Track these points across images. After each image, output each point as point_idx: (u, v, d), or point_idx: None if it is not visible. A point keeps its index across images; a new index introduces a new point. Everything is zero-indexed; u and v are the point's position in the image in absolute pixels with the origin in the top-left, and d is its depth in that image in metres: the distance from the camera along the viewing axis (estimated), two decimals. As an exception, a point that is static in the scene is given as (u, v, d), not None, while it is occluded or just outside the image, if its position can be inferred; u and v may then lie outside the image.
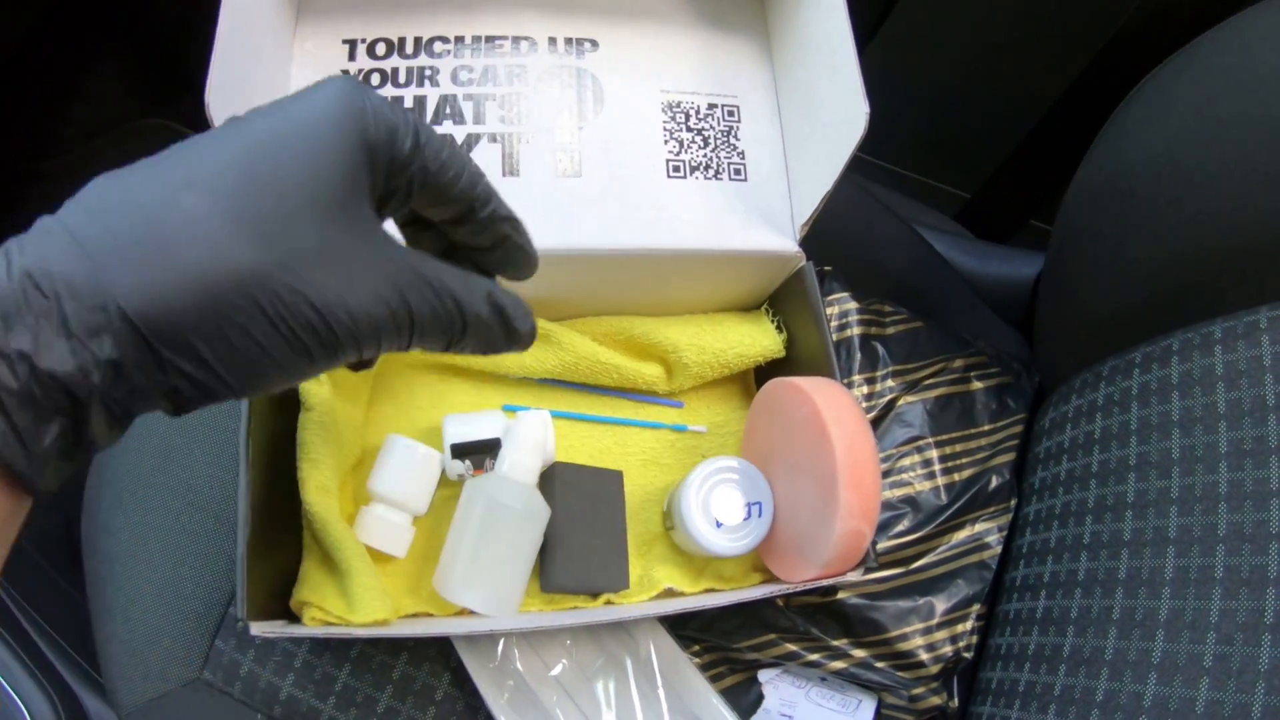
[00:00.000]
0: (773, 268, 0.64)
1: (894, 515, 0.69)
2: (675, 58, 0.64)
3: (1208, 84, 0.61)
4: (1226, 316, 0.58)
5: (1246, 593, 0.49)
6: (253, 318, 0.29)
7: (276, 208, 0.30)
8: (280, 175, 0.30)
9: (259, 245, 0.29)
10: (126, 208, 0.28)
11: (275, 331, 0.30)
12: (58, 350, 0.27)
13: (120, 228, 0.28)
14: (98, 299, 0.27)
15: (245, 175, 0.30)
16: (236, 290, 0.29)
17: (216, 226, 0.29)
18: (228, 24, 0.50)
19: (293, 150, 0.30)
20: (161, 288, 0.28)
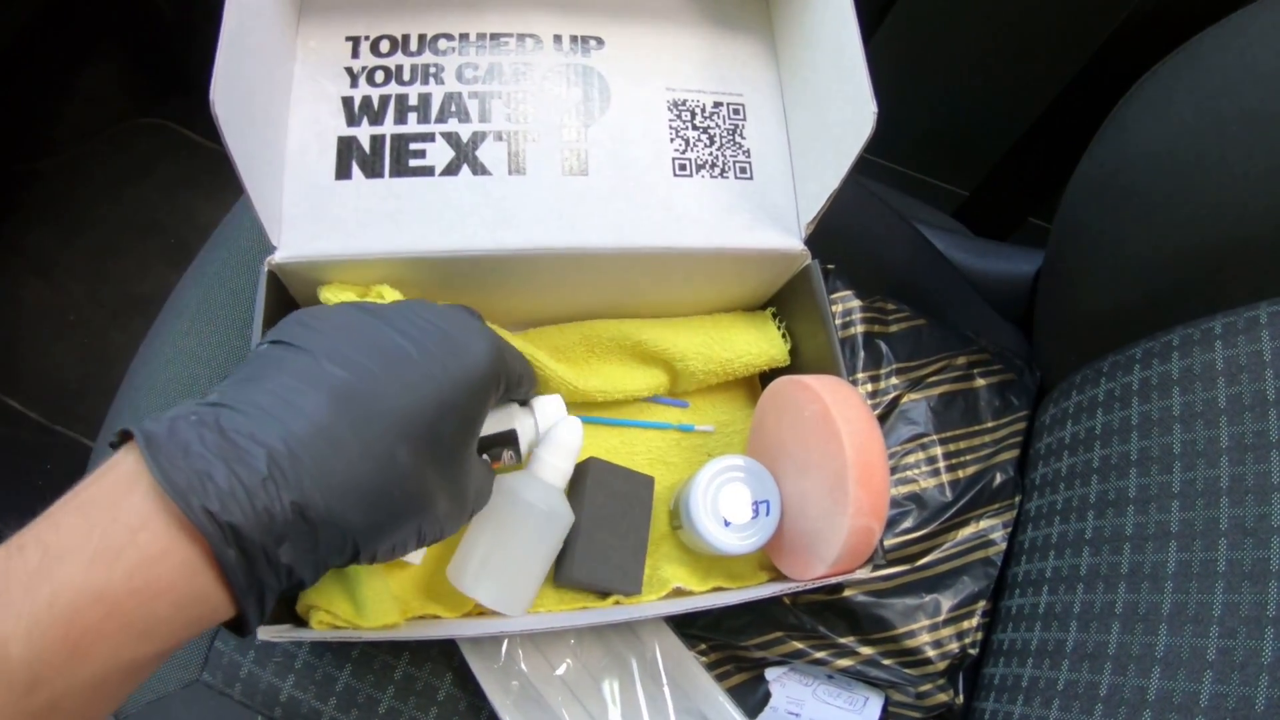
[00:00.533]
0: (778, 266, 0.64)
1: (899, 512, 0.69)
2: (681, 56, 0.64)
3: (1208, 81, 0.61)
4: (1227, 312, 0.58)
5: (1249, 586, 0.50)
6: (405, 527, 0.42)
7: (442, 449, 0.42)
8: (453, 427, 0.43)
9: (416, 474, 0.41)
10: (358, 455, 0.37)
11: (411, 524, 0.42)
12: (308, 568, 0.37)
13: (355, 475, 0.37)
14: (338, 534, 0.37)
15: (436, 430, 0.41)
16: (406, 518, 0.41)
17: (415, 481, 0.40)
18: (232, 22, 0.49)
19: (462, 407, 0.43)
20: (378, 525, 0.40)
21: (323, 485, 0.35)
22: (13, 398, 1.28)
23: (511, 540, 0.56)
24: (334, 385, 0.38)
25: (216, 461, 0.33)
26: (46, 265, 1.34)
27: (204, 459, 0.33)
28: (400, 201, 0.57)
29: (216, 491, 0.33)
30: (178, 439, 0.34)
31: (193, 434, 0.34)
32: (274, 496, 0.34)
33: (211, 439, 0.34)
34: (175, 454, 0.33)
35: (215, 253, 0.77)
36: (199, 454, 0.33)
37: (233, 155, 0.48)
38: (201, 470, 0.33)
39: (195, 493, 0.32)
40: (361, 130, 0.58)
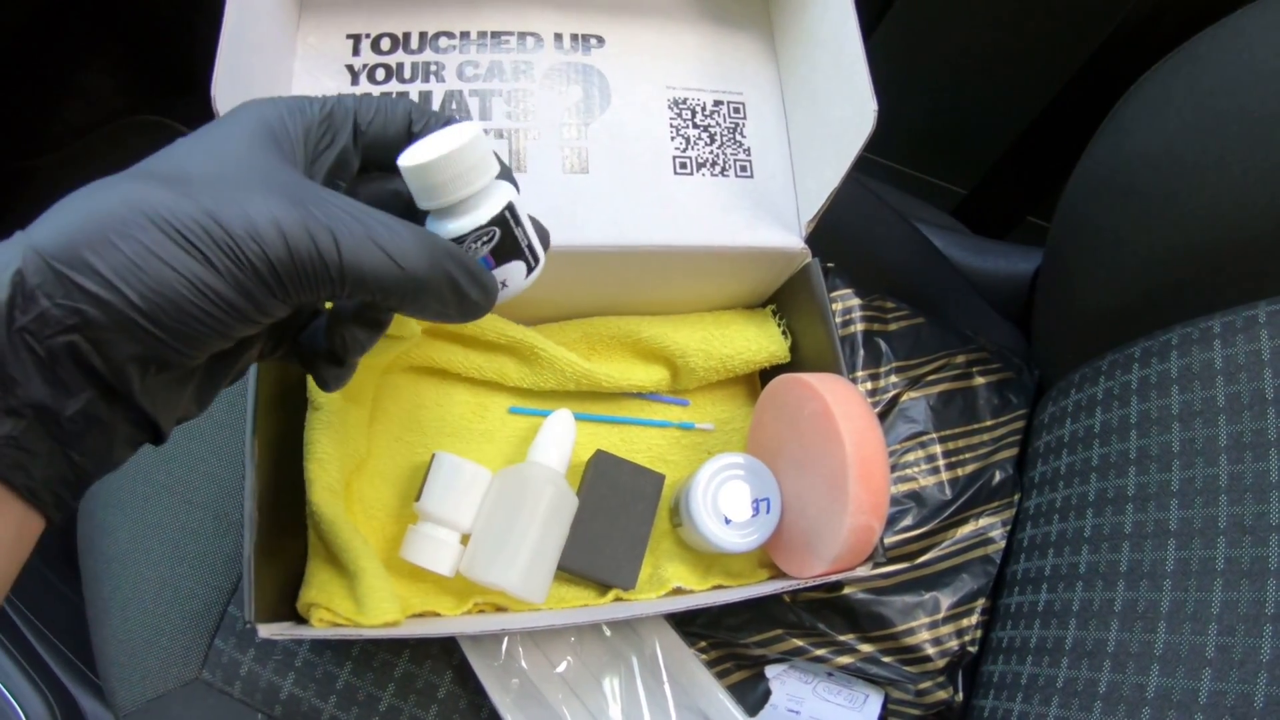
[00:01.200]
0: (779, 264, 0.64)
1: (899, 510, 0.69)
2: (681, 54, 0.64)
3: (1206, 80, 0.61)
4: (1225, 311, 0.58)
5: (1247, 584, 0.50)
6: (143, 228, 0.30)
7: (181, 168, 0.32)
8: (190, 157, 0.33)
9: (153, 181, 0.31)
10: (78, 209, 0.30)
11: (168, 239, 0.30)
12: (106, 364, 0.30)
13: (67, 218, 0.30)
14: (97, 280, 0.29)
15: (170, 163, 0.33)
16: (123, 205, 0.30)
17: (125, 181, 0.31)
18: (233, 18, 0.49)
19: (202, 144, 0.34)
20: (64, 223, 0.30)
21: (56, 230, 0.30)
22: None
23: (528, 527, 0.57)
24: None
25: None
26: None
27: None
28: (400, 198, 0.57)
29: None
30: None
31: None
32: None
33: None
34: None
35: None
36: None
37: None
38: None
39: None
40: (362, 127, 0.58)
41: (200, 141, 0.34)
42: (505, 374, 0.66)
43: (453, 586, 0.62)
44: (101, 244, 0.29)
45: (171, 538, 0.67)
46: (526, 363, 0.66)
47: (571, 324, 0.68)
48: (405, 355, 0.64)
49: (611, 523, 0.62)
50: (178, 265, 0.30)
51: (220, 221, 0.30)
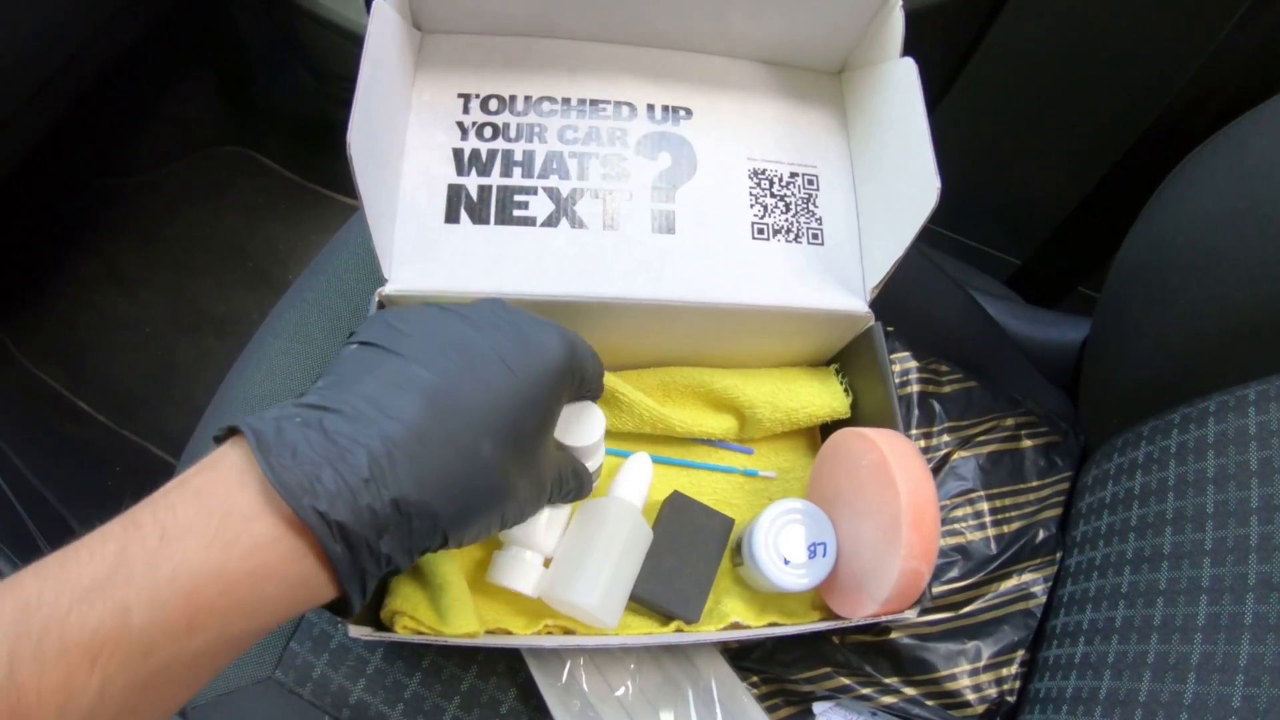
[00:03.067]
0: (843, 326, 0.68)
1: (946, 562, 0.72)
2: (761, 128, 0.69)
3: (1247, 162, 0.64)
4: (1260, 381, 0.60)
5: (1273, 638, 0.52)
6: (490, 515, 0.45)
7: (522, 442, 0.45)
8: (532, 421, 0.45)
9: (507, 476, 0.44)
10: (448, 453, 0.40)
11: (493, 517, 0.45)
12: (404, 555, 0.40)
13: (446, 471, 0.40)
14: (431, 524, 0.40)
15: (516, 424, 0.44)
16: (491, 506, 0.44)
17: (498, 472, 0.43)
18: (366, 74, 0.53)
19: (540, 402, 0.45)
20: (466, 514, 0.42)
21: (417, 481, 0.38)
22: (83, 399, 1.32)
23: (608, 554, 0.61)
24: (423, 387, 0.40)
25: (323, 463, 0.36)
26: (124, 277, 1.39)
27: (312, 461, 0.36)
28: (503, 247, 0.62)
29: (325, 492, 0.35)
30: (285, 440, 0.37)
31: (299, 435, 0.37)
32: (375, 495, 0.37)
33: (317, 440, 0.37)
34: (284, 454, 0.36)
35: (314, 280, 0.82)
36: (307, 455, 0.36)
37: (361, 193, 0.53)
38: (310, 472, 0.36)
39: (306, 493, 0.35)
40: (470, 180, 0.63)
41: (538, 408, 0.46)
42: None
43: (527, 608, 0.65)
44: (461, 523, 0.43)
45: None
46: (608, 405, 0.70)
47: (650, 371, 0.73)
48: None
49: (682, 558, 0.65)
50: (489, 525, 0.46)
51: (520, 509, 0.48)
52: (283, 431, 0.37)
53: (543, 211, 0.63)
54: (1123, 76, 0.96)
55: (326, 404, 0.39)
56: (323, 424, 0.38)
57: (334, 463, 0.37)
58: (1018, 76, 1.01)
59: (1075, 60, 0.98)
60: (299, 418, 0.38)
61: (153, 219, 1.42)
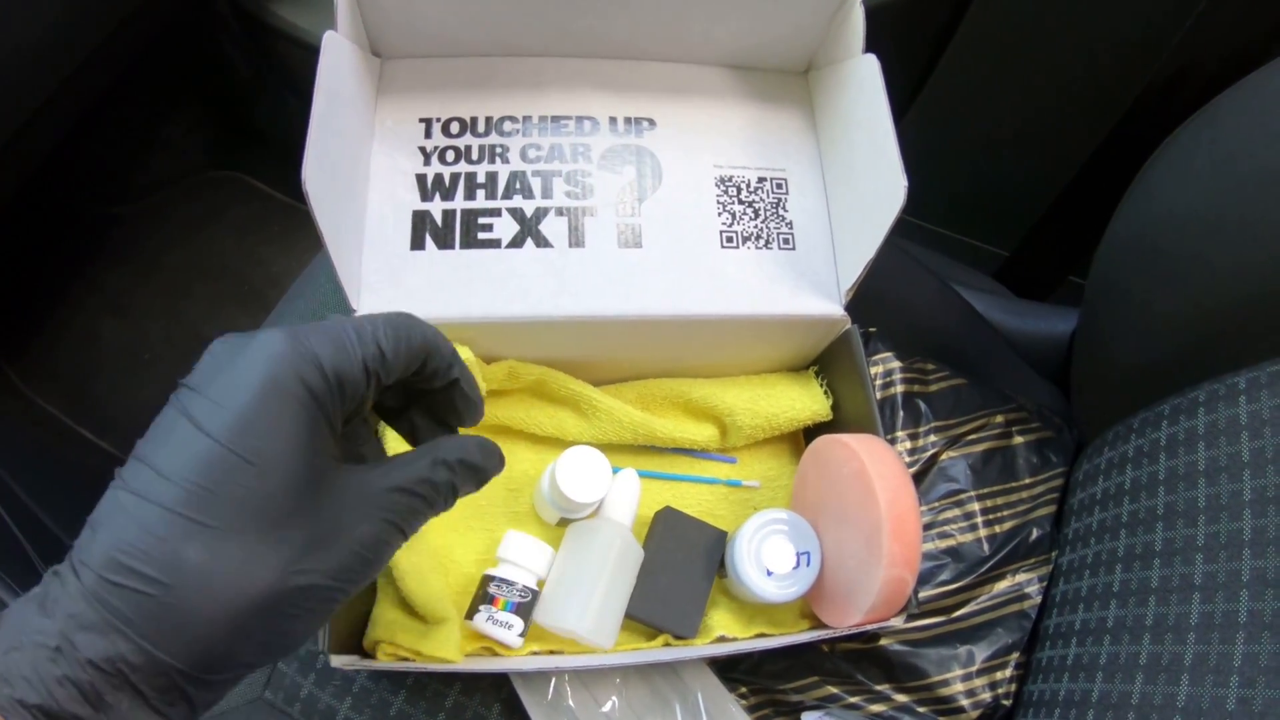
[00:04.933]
0: (820, 330, 0.67)
1: (936, 566, 0.71)
2: (727, 134, 0.68)
3: (1226, 141, 0.63)
4: (1250, 367, 0.59)
5: (1269, 636, 0.51)
6: (279, 620, 0.33)
7: (261, 521, 0.33)
8: (252, 484, 0.33)
9: (261, 569, 0.33)
10: (143, 576, 0.31)
11: (301, 617, 0.34)
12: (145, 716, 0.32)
13: (148, 602, 0.31)
14: (159, 672, 0.32)
15: (221, 498, 0.32)
16: (257, 612, 0.33)
17: (220, 572, 0.32)
18: (321, 106, 0.53)
19: (256, 449, 0.33)
20: (203, 643, 0.32)
21: (119, 630, 0.31)
22: (87, 428, 1.33)
23: (599, 576, 0.61)
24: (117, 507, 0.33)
25: (25, 645, 0.31)
26: (123, 305, 1.39)
27: (15, 644, 0.31)
28: (470, 271, 0.61)
29: (18, 674, 0.30)
30: (8, 622, 0.32)
31: (17, 613, 0.32)
32: (68, 664, 0.30)
33: (30, 618, 0.31)
34: (11, 633, 0.31)
35: (294, 304, 0.82)
36: (13, 638, 0.31)
37: (320, 227, 0.52)
38: (10, 662, 0.30)
39: (4, 684, 0.30)
40: (434, 205, 0.63)
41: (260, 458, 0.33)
42: (565, 429, 0.70)
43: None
44: (254, 649, 0.34)
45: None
46: (585, 416, 0.69)
47: (628, 385, 0.72)
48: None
49: (675, 574, 0.65)
50: (315, 624, 0.35)
51: (352, 576, 0.36)
52: (10, 612, 0.32)
53: (508, 233, 0.63)
54: (1103, 56, 0.95)
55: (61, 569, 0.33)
56: (46, 592, 0.32)
57: (35, 639, 0.31)
58: (995, 64, 1.00)
59: (1052, 46, 0.97)
60: (42, 589, 0.33)
61: (148, 246, 1.42)
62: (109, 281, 1.40)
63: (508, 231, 0.63)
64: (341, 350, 0.36)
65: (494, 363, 0.66)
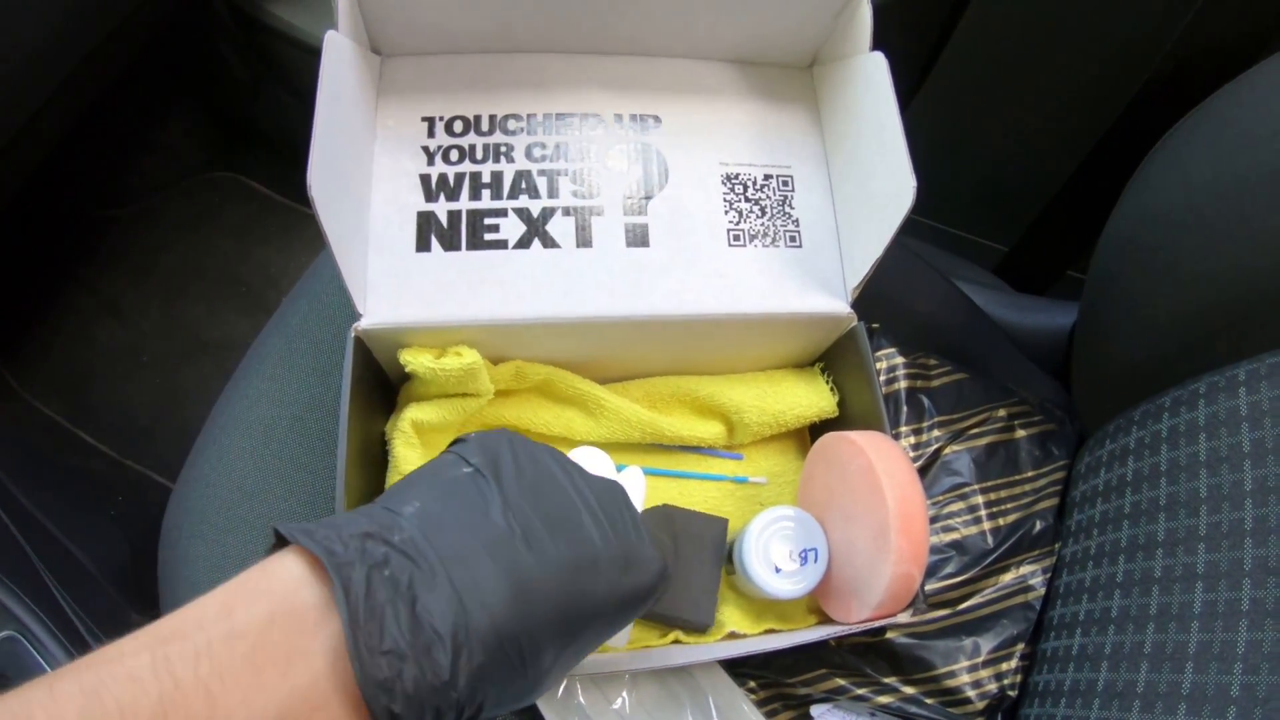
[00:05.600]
0: (826, 328, 0.67)
1: (941, 559, 0.72)
2: (733, 131, 0.68)
3: (1224, 138, 0.63)
4: (1250, 359, 0.59)
5: (1271, 624, 0.51)
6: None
7: (580, 654, 0.42)
8: (598, 639, 0.42)
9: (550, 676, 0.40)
10: (516, 658, 0.37)
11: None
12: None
13: (509, 678, 0.37)
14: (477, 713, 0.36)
15: (582, 641, 0.41)
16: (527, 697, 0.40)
17: (548, 677, 0.40)
18: (323, 109, 0.53)
19: (613, 625, 0.43)
20: (501, 707, 0.38)
21: (484, 684, 0.35)
22: (85, 431, 1.33)
23: None
24: (519, 574, 0.37)
25: (409, 656, 0.33)
26: (120, 307, 1.39)
27: (398, 651, 0.33)
28: (476, 273, 0.61)
29: (403, 693, 0.32)
30: (374, 608, 0.33)
31: (388, 605, 0.34)
32: (445, 698, 0.34)
33: (405, 620, 0.34)
34: (373, 633, 0.33)
35: (297, 304, 0.82)
36: (395, 641, 0.33)
37: (325, 232, 0.52)
38: (395, 667, 0.33)
39: (385, 692, 0.32)
40: (439, 206, 0.63)
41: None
42: (573, 428, 0.70)
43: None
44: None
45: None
46: (592, 415, 0.70)
47: (635, 383, 0.72)
48: (478, 415, 0.68)
49: (684, 567, 0.65)
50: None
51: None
52: (372, 592, 0.34)
53: (514, 233, 0.63)
54: (1101, 52, 0.95)
55: (414, 555, 0.36)
56: (414, 592, 0.35)
57: (419, 657, 0.33)
58: (995, 60, 1.01)
59: (1051, 43, 0.97)
60: (388, 569, 0.35)
61: (146, 248, 1.42)
62: (105, 284, 1.40)
63: (514, 232, 0.63)
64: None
65: (501, 363, 0.66)
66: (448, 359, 0.61)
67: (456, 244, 0.62)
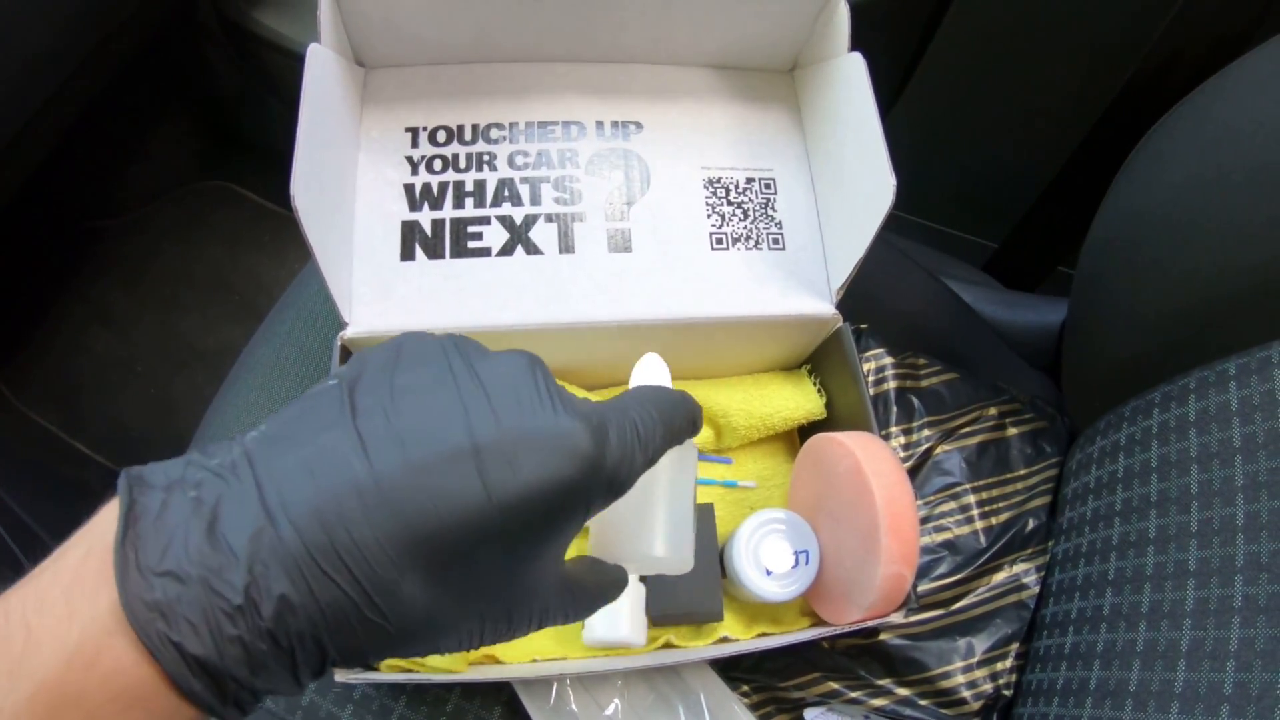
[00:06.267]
0: (812, 329, 0.67)
1: (933, 559, 0.72)
2: (714, 135, 0.68)
3: (1208, 133, 0.63)
4: (1240, 354, 0.59)
5: (1264, 620, 0.51)
6: (405, 651, 0.34)
7: (484, 593, 0.34)
8: (499, 558, 0.33)
9: (458, 623, 0.34)
10: (347, 582, 0.30)
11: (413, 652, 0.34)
12: (288, 685, 0.31)
13: (340, 606, 0.30)
14: (319, 658, 0.31)
15: (467, 562, 0.32)
16: (409, 643, 0.33)
17: (424, 613, 0.32)
18: (306, 120, 0.53)
19: (520, 537, 0.33)
20: (365, 653, 0.32)
21: (305, 611, 0.30)
22: (79, 441, 1.33)
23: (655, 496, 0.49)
24: (346, 483, 0.31)
25: (193, 578, 0.29)
26: (113, 318, 1.39)
27: (178, 572, 0.29)
28: (460, 281, 0.61)
29: (183, 619, 0.28)
30: (163, 527, 0.29)
31: (180, 523, 0.30)
32: (247, 628, 0.29)
33: (196, 539, 0.29)
34: (153, 552, 0.29)
35: (285, 313, 0.82)
36: (177, 560, 0.29)
37: (310, 242, 0.52)
38: (172, 591, 0.28)
39: (159, 616, 0.28)
40: (423, 215, 0.63)
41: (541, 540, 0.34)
42: None
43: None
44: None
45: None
46: None
47: (621, 389, 0.71)
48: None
49: None
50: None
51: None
52: (167, 509, 0.30)
53: (497, 241, 0.63)
54: (1088, 45, 0.95)
55: (229, 475, 0.31)
56: (217, 512, 0.30)
57: (207, 578, 0.29)
58: (980, 57, 1.00)
59: (1036, 39, 0.97)
60: (195, 491, 0.30)
61: (138, 258, 1.42)
62: (97, 293, 1.40)
63: (497, 240, 0.63)
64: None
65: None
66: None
67: (440, 252, 0.62)
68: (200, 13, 1.17)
